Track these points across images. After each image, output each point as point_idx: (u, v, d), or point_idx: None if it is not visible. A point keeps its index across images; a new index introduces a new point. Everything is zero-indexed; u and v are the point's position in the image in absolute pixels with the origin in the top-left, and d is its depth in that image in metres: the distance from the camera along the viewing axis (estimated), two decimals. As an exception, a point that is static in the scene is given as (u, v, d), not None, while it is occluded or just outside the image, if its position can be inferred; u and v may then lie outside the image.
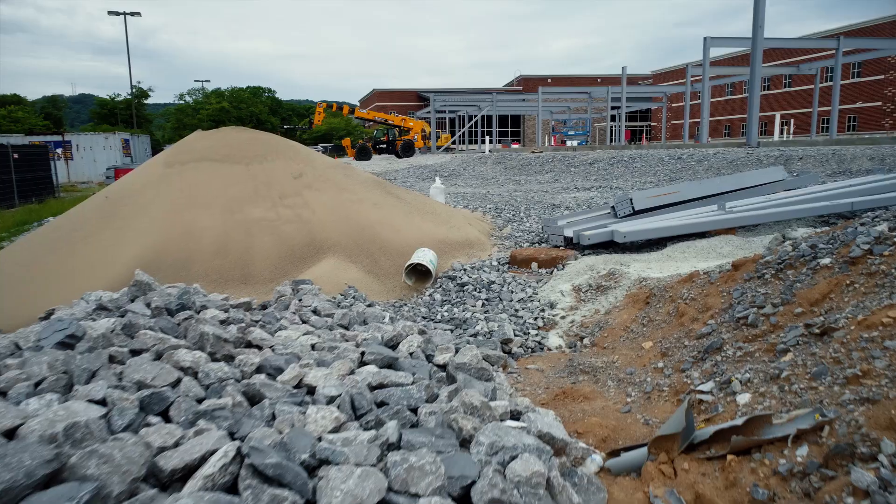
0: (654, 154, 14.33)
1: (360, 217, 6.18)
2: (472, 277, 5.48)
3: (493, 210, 8.97)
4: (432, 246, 6.17)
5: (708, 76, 26.83)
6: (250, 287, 5.12)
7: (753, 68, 16.30)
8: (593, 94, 49.18)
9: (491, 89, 76.98)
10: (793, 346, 2.65)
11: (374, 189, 6.96)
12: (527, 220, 8.08)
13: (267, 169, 6.39)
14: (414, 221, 6.60)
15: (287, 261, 5.44)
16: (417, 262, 5.44)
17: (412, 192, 7.62)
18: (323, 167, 6.83)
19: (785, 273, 3.29)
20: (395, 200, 6.93)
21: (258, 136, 6.88)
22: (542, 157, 16.96)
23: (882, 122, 46.57)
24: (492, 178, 15.20)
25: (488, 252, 6.50)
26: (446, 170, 17.89)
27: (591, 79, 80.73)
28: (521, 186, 12.42)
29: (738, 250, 5.30)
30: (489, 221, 8.19)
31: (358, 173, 7.26)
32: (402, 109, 73.55)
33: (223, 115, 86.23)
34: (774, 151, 11.91)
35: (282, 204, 6.00)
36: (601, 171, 13.60)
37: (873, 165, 10.14)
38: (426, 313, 4.82)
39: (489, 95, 53.88)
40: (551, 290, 5.06)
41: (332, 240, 5.77)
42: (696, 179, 11.18)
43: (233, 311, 3.47)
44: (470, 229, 7.01)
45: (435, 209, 7.13)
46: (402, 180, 17.01)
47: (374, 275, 5.56)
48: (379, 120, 43.73)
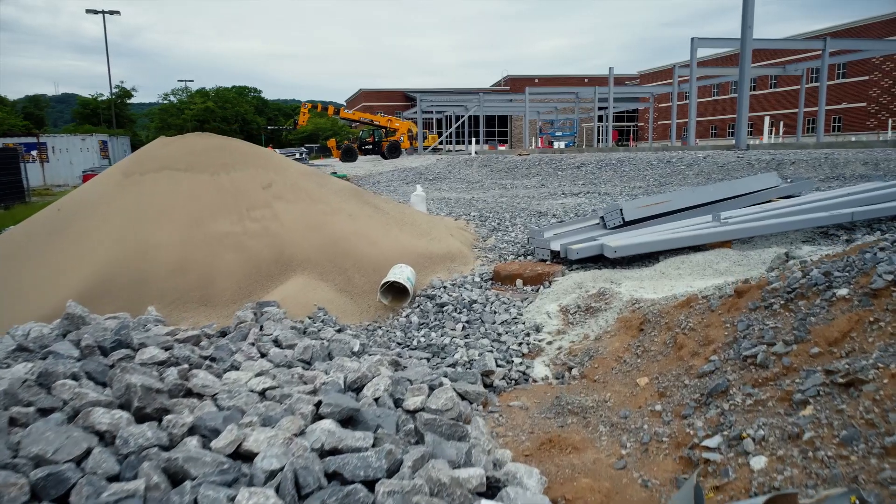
0: (643, 157, 14.04)
1: (333, 229, 5.78)
2: (452, 296, 5.10)
3: (477, 218, 8.60)
4: (411, 260, 5.79)
5: (695, 77, 26.69)
6: (211, 309, 4.71)
7: (742, 69, 16.06)
8: (580, 94, 49.05)
9: (478, 89, 76.73)
10: (812, 398, 2.31)
11: (349, 199, 6.57)
12: (512, 230, 7.72)
13: (234, 179, 5.98)
14: (392, 233, 6.22)
15: (253, 279, 5.03)
16: (394, 280, 5.06)
17: (391, 202, 7.23)
18: (295, 176, 6.42)
19: (796, 304, 2.95)
20: (372, 211, 6.54)
21: (226, 144, 6.46)
22: (529, 160, 16.63)
23: (867, 122, 46.80)
24: (477, 181, 14.84)
25: (471, 266, 6.12)
26: (431, 173, 17.51)
27: (579, 79, 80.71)
28: (507, 191, 12.06)
29: (736, 266, 4.97)
30: (473, 231, 7.82)
31: (334, 182, 6.86)
32: (389, 109, 73.10)
33: (208, 115, 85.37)
34: (765, 155, 11.64)
35: (249, 217, 5.60)
36: (589, 176, 13.28)
37: (867, 171, 9.89)
38: (402, 338, 4.44)
39: (476, 96, 53.58)
40: (537, 312, 4.70)
41: (303, 255, 5.37)
42: (686, 185, 10.88)
43: (178, 348, 3.07)
44: (452, 241, 6.64)
45: (415, 219, 6.74)
46: (385, 183, 16.62)
47: (346, 293, 5.16)
48: (364, 121, 43.28)
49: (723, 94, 61.70)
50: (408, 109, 67.25)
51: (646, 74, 73.26)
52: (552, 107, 57.35)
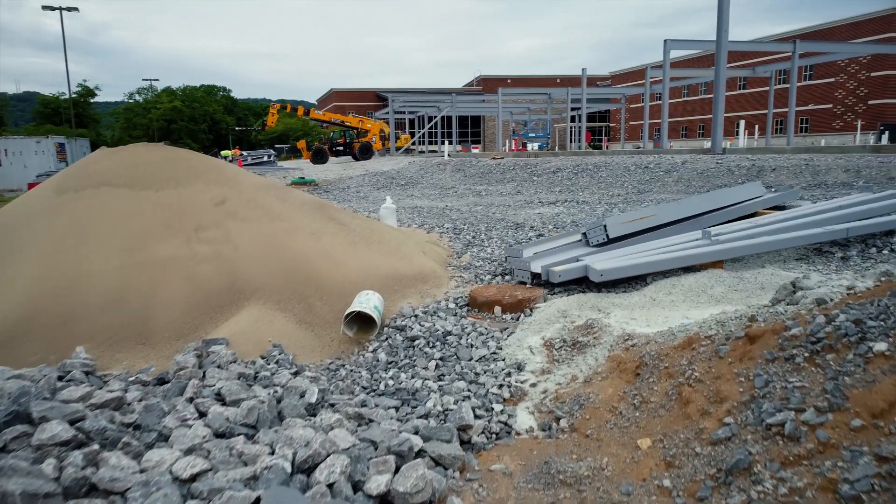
0: (620, 162, 13.72)
1: (293, 250, 5.25)
2: (424, 327, 4.62)
3: (450, 231, 8.13)
4: (380, 282, 5.30)
5: (668, 78, 26.63)
6: (150, 349, 4.15)
7: (718, 72, 15.88)
8: (553, 94, 48.99)
9: (451, 89, 76.32)
10: (866, 493, 1.89)
11: (312, 215, 6.04)
12: (488, 244, 7.27)
13: (182, 195, 5.40)
14: (359, 252, 5.71)
15: (200, 311, 4.48)
16: (359, 310, 4.55)
17: (358, 216, 6.72)
18: (252, 190, 5.87)
19: (823, 358, 2.54)
20: (337, 227, 6.02)
21: (174, 155, 5.88)
22: (504, 165, 16.22)
23: (833, 123, 47.60)
24: (451, 187, 14.37)
25: (444, 288, 5.65)
26: (403, 177, 17.00)
27: (551, 79, 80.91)
28: (481, 199, 11.61)
29: (733, 292, 4.57)
30: (446, 246, 7.35)
31: (295, 196, 6.31)
32: (361, 109, 72.29)
33: (176, 114, 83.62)
34: (744, 161, 11.39)
35: (198, 238, 5.03)
36: (565, 182, 12.91)
37: (848, 178, 9.67)
38: (367, 380, 3.94)
39: (449, 96, 53.17)
40: (518, 346, 4.24)
41: (259, 281, 4.83)
42: (666, 193, 10.56)
43: (91, 419, 2.53)
44: (424, 259, 6.15)
45: (383, 236, 6.24)
46: (355, 189, 16.06)
47: (307, 325, 4.64)
48: (335, 121, 42.52)
49: (692, 94, 62.29)
50: (380, 110, 66.56)
51: (617, 75, 73.65)
52: (525, 107, 57.25)
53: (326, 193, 14.79)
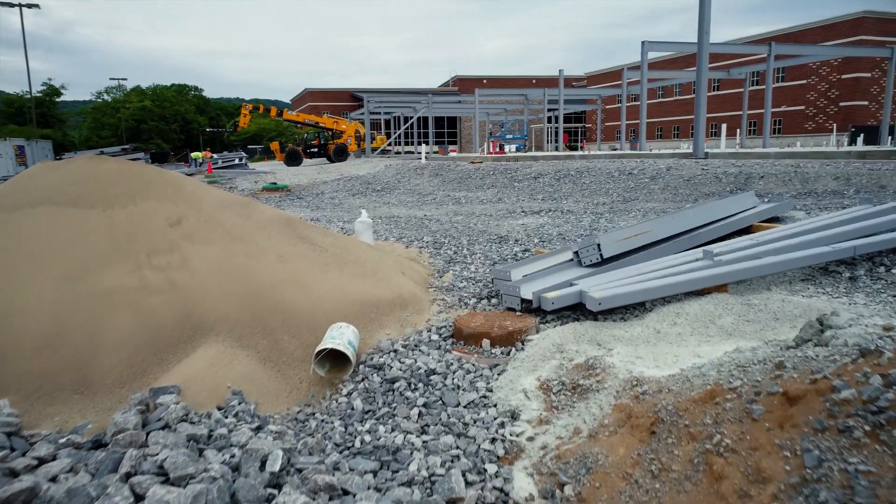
0: (602, 167, 13.37)
1: (258, 276, 4.72)
2: (404, 365, 4.13)
3: (431, 244, 7.65)
4: (355, 310, 4.80)
5: (646, 79, 26.53)
6: (88, 400, 3.60)
7: (699, 74, 15.64)
8: (529, 95, 48.81)
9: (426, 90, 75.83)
10: None
11: (280, 234, 5.51)
12: (471, 261, 6.81)
13: (133, 214, 4.84)
14: (331, 276, 5.20)
15: (149, 351, 3.93)
16: (331, 346, 4.05)
17: (331, 234, 6.20)
18: (212, 208, 5.32)
19: (890, 434, 2.13)
20: (308, 248, 5.50)
21: (125, 169, 5.31)
22: (483, 169, 15.78)
23: (805, 125, 48.18)
24: (429, 193, 13.88)
25: (426, 315, 5.17)
26: (379, 182, 16.47)
27: (526, 80, 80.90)
28: (461, 207, 11.15)
29: (743, 322, 4.17)
30: (426, 263, 6.87)
31: (261, 212, 5.77)
32: (336, 110, 71.43)
33: (145, 114, 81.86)
34: (731, 168, 11.10)
35: (150, 265, 4.48)
36: (547, 188, 12.51)
37: (839, 186, 9.41)
38: (341, 434, 3.44)
39: (425, 96, 52.65)
40: (511, 388, 3.78)
41: (218, 313, 4.30)
42: (652, 201, 10.20)
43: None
44: (403, 281, 5.66)
45: (359, 256, 5.74)
46: (330, 195, 15.48)
47: (272, 364, 4.12)
48: (309, 122, 41.74)
49: (667, 96, 62.69)
50: (355, 110, 65.82)
51: (593, 76, 73.85)
52: (501, 108, 57.00)
53: (299, 200, 14.20)
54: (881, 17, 44.08)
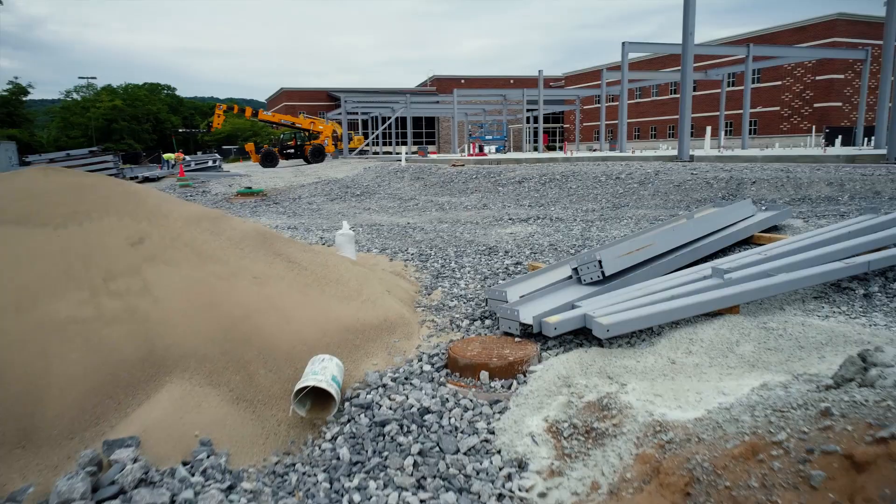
0: (588, 171, 13.06)
1: (230, 302, 4.26)
2: (395, 402, 3.71)
3: (416, 256, 7.24)
4: (339, 337, 4.38)
5: (627, 80, 26.41)
6: (32, 454, 3.12)
7: (685, 76, 15.44)
8: (508, 96, 48.62)
9: (404, 89, 75.27)
10: None
11: (255, 252, 5.05)
12: (460, 276, 6.40)
13: (89, 233, 4.35)
14: (312, 299, 4.76)
15: (105, 393, 3.46)
16: (313, 384, 3.61)
17: (310, 249, 5.74)
18: (179, 224, 4.84)
19: None
20: (286, 267, 5.04)
21: (80, 182, 4.80)
22: (465, 173, 15.39)
23: (780, 126, 48.68)
24: (410, 198, 13.45)
25: (415, 340, 4.75)
26: (359, 186, 15.98)
27: (504, 80, 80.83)
28: (445, 213, 10.74)
29: (765, 351, 3.83)
30: (413, 278, 6.45)
31: (234, 227, 5.29)
32: (312, 110, 70.57)
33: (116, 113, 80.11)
34: (721, 172, 10.85)
35: (107, 291, 4.00)
36: (533, 193, 12.16)
37: (832, 192, 9.20)
38: (326, 493, 3.01)
39: (403, 96, 52.17)
40: (516, 431, 3.38)
41: (185, 346, 3.83)
42: (643, 207, 9.89)
43: None
44: (390, 301, 5.23)
45: (341, 275, 5.29)
46: (307, 199, 14.96)
47: (247, 404, 3.67)
48: (285, 123, 40.99)
49: (645, 96, 62.98)
50: (332, 110, 65.06)
51: (571, 76, 74.00)
52: (480, 108, 56.73)
53: (276, 206, 13.67)
54: (854, 19, 44.67)
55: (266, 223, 10.69)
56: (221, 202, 14.82)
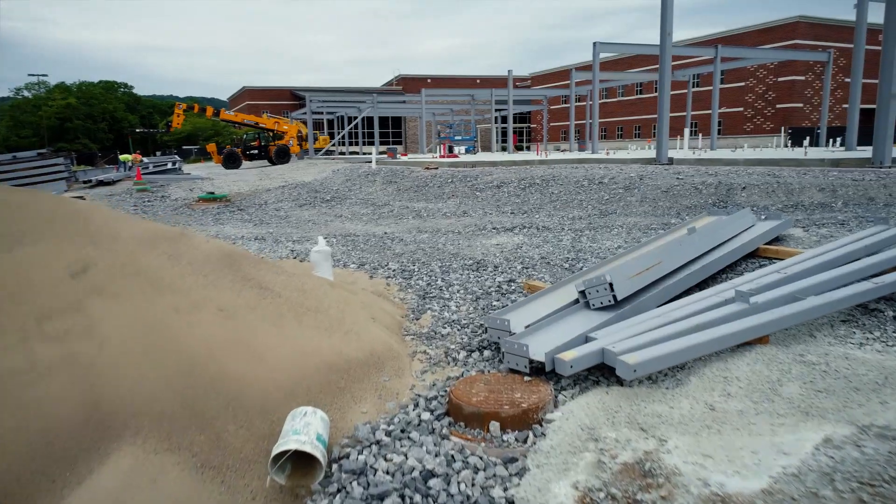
0: (568, 175, 12.63)
1: (192, 342, 3.62)
2: (393, 465, 3.13)
3: (398, 273, 6.65)
4: (320, 379, 3.78)
5: (598, 80, 26.23)
6: (-65, 559, 2.45)
7: (662, 76, 15.16)
8: (477, 95, 48.29)
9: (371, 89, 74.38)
10: None
11: (220, 277, 4.39)
12: (449, 295, 5.84)
13: (20, 263, 3.65)
14: (288, 332, 4.14)
15: (35, 469, 2.79)
16: (295, 447, 3.01)
17: (283, 270, 5.10)
18: (131, 247, 4.16)
19: None
20: (256, 294, 4.40)
21: (11, 200, 4.08)
22: (440, 177, 14.82)
23: (744, 126, 49.39)
24: (385, 204, 12.82)
25: (408, 378, 4.17)
26: (328, 190, 15.28)
27: (471, 80, 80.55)
28: (424, 221, 10.17)
29: (815, 394, 3.36)
30: (397, 298, 5.87)
31: (196, 248, 4.63)
32: (276, 109, 69.20)
33: (70, 112, 77.34)
34: (707, 177, 10.52)
35: (41, 334, 3.32)
36: (513, 199, 11.66)
37: (825, 198, 8.92)
38: None
39: (369, 96, 51.45)
40: (539, 501, 2.83)
41: (137, 400, 3.19)
42: (632, 215, 9.47)
43: None
44: (375, 330, 4.64)
45: (320, 301, 4.67)
46: (274, 204, 14.20)
47: (214, 472, 3.05)
48: (249, 123, 39.83)
49: (611, 97, 63.35)
50: (296, 110, 63.78)
51: (537, 76, 74.09)
52: (447, 108, 56.27)
53: (241, 212, 12.89)
54: (814, 21, 45.54)
55: (230, 233, 9.96)
56: (182, 209, 13.96)
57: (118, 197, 16.89)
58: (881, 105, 10.57)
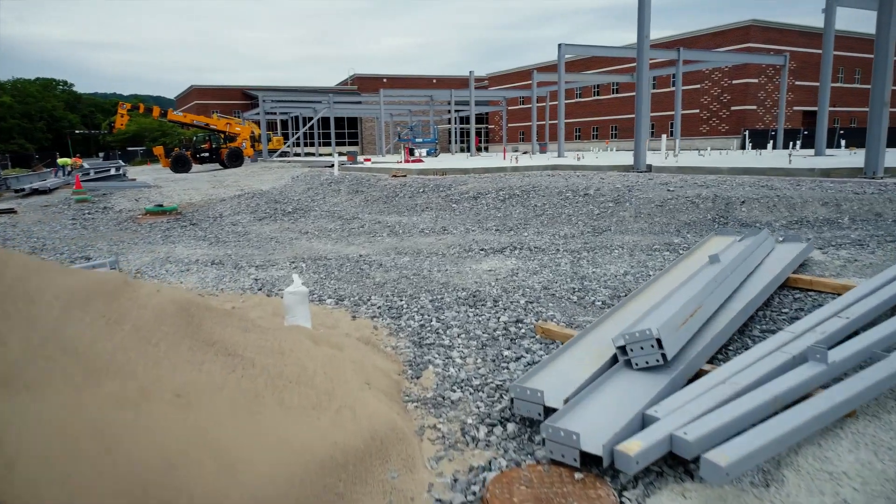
0: (549, 185, 11.92)
1: (139, 450, 2.67)
2: None
3: (384, 310, 5.77)
4: (313, 487, 2.91)
5: (563, 81, 25.80)
6: None
7: (640, 81, 14.63)
8: (435, 96, 47.59)
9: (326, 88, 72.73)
10: None
11: (176, 346, 3.43)
12: (449, 341, 4.99)
13: None
14: (267, 420, 3.22)
15: None
16: None
17: (254, 325, 4.15)
18: (55, 313, 3.16)
19: None
20: (224, 366, 3.46)
21: None
22: (410, 186, 13.92)
23: (700, 128, 50.02)
24: (353, 217, 11.85)
25: (422, 473, 3.31)
26: (289, 200, 14.19)
27: (427, 79, 79.74)
28: (400, 240, 9.27)
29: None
30: (388, 345, 4.98)
31: (143, 305, 3.65)
32: (226, 109, 66.98)
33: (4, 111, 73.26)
34: (701, 189, 9.95)
35: (-83, 458, 2.32)
36: (494, 213, 10.87)
37: (829, 213, 8.44)
38: None
39: (325, 96, 50.15)
40: None
41: (60, 552, 2.24)
42: (630, 234, 8.79)
43: None
44: (372, 402, 3.75)
45: (304, 368, 3.75)
46: (230, 218, 13.04)
47: None
48: (199, 124, 38.01)
49: (569, 98, 63.42)
50: (248, 110, 61.75)
51: (494, 77, 73.78)
52: (405, 109, 55.35)
53: (193, 227, 11.73)
54: (767, 25, 46.39)
55: (183, 255, 8.86)
56: (126, 223, 12.68)
57: (55, 208, 15.40)
58: (873, 114, 10.23)
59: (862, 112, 50.95)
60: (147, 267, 8.10)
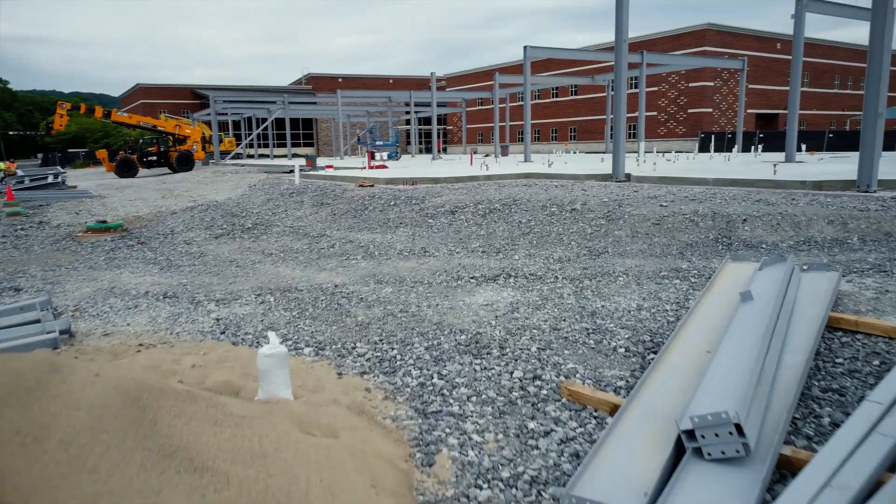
0: (530, 198, 11.22)
1: None
2: None
3: (374, 362, 4.94)
4: None
5: (529, 83, 25.38)
6: None
7: (618, 81, 14.09)
8: (394, 97, 46.72)
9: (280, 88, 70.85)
10: None
11: (124, 465, 2.53)
12: (461, 409, 4.20)
13: None
14: (250, 571, 2.35)
15: None
16: None
17: (226, 416, 3.27)
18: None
19: None
20: (187, 491, 2.57)
21: None
22: (379, 197, 13.02)
23: (658, 130, 50.49)
24: (320, 234, 10.90)
25: None
26: (248, 214, 13.11)
27: (384, 80, 78.68)
28: (378, 264, 8.41)
29: None
30: (386, 416, 4.15)
31: (73, 406, 2.72)
32: (175, 109, 64.51)
33: (-69, 110, 68.87)
34: (698, 206, 9.39)
35: None
36: (476, 230, 10.09)
37: (836, 233, 7.98)
38: None
39: (279, 96, 48.66)
40: None
41: None
42: (628, 256, 8.14)
43: None
44: (384, 516, 2.92)
45: (295, 480, 2.88)
46: (183, 235, 11.89)
47: None
48: (145, 125, 36.10)
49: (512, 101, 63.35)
50: (199, 110, 59.45)
51: (452, 78, 73.19)
52: (363, 110, 54.23)
53: (141, 248, 10.58)
54: (722, 29, 47.07)
55: (130, 284, 7.79)
56: (64, 241, 11.40)
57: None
58: (867, 123, 9.90)
59: (815, 115, 52.35)
60: (88, 302, 7.02)
